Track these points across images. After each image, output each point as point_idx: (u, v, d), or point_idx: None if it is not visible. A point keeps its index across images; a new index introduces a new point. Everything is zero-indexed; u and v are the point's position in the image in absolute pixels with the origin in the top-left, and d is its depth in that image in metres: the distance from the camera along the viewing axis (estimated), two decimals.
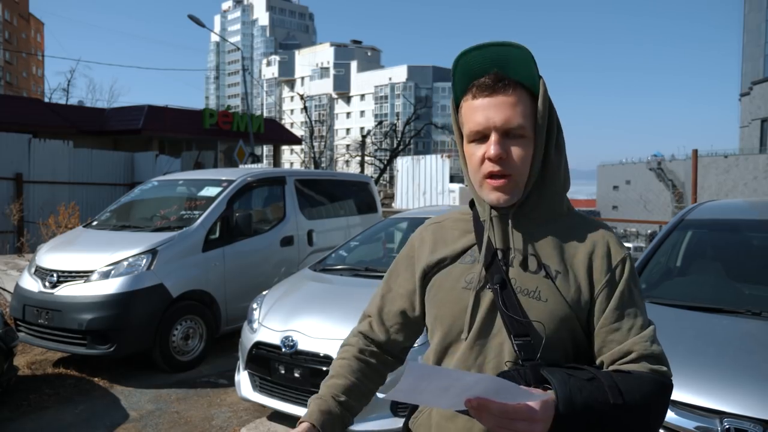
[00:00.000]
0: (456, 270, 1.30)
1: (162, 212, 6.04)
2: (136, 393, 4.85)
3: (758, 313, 2.99)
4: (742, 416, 2.31)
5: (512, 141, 1.20)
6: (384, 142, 43.78)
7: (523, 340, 1.17)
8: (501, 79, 1.21)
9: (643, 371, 1.13)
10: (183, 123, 22.42)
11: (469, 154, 1.25)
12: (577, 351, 1.21)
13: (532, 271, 1.22)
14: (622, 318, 1.19)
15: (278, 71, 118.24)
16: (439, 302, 1.29)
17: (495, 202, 1.23)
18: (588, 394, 1.05)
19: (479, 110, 1.21)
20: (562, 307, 1.19)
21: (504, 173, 1.20)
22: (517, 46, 1.20)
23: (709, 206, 4.30)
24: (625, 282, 1.22)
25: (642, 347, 1.16)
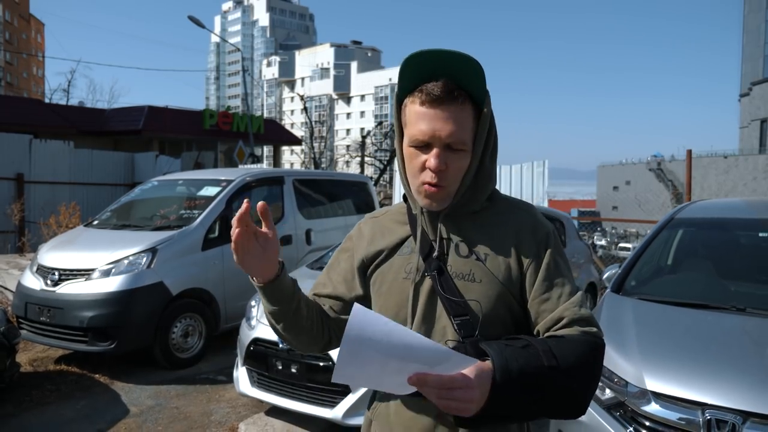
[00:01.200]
0: (396, 262, 1.37)
1: (162, 212, 6.12)
2: (136, 389, 4.93)
3: (743, 309, 3.07)
4: (723, 407, 2.39)
5: (452, 154, 1.26)
6: (384, 142, 43.84)
7: (462, 319, 1.25)
8: (451, 90, 1.24)
9: (575, 334, 1.22)
10: (183, 123, 22.50)
11: (408, 156, 1.30)
12: (517, 325, 1.30)
13: (464, 255, 1.31)
14: (551, 288, 1.28)
15: (278, 72, 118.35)
16: (384, 294, 1.37)
17: (427, 206, 1.31)
18: (523, 360, 1.13)
19: (426, 119, 1.25)
20: (495, 285, 1.28)
21: (439, 184, 1.27)
22: (469, 57, 1.24)
23: (699, 205, 4.38)
24: (550, 254, 1.31)
25: (572, 312, 1.24)
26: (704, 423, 2.40)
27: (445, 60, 1.24)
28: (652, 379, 2.59)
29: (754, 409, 2.35)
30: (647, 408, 2.57)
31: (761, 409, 2.34)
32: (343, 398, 3.76)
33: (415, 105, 1.27)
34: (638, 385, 2.62)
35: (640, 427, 2.57)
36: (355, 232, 1.51)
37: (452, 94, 1.24)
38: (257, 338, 4.19)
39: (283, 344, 3.97)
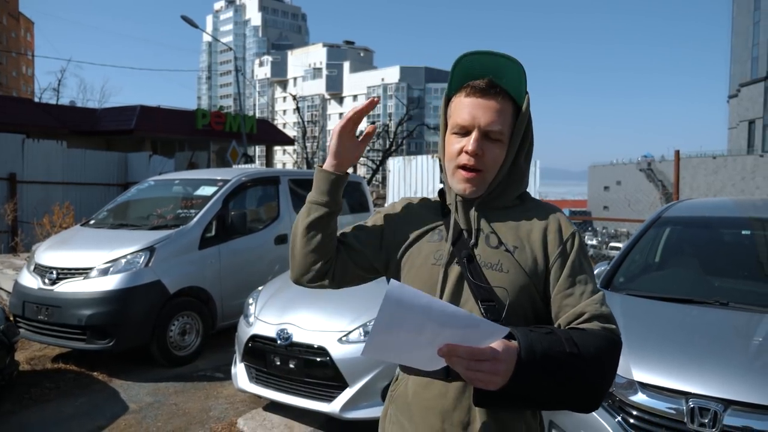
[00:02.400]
0: (425, 247, 1.45)
1: (159, 211, 6.18)
2: (135, 386, 5.00)
3: (725, 304, 3.19)
4: (706, 396, 2.50)
5: (489, 142, 1.37)
6: (376, 142, 43.92)
7: (488, 304, 1.34)
8: (494, 86, 1.37)
9: (595, 329, 1.29)
10: (175, 123, 22.49)
11: (448, 143, 1.42)
12: (537, 318, 1.38)
13: (493, 246, 1.40)
14: (574, 285, 1.36)
15: (270, 72, 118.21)
16: (412, 278, 1.43)
17: (462, 191, 1.41)
18: (547, 344, 1.20)
19: (468, 107, 1.37)
20: (521, 276, 1.36)
21: (476, 168, 1.37)
22: (514, 60, 1.37)
23: (686, 204, 4.51)
24: (575, 253, 1.39)
25: (593, 308, 1.32)
26: (688, 411, 2.51)
27: (491, 60, 1.37)
28: (639, 371, 2.70)
29: (735, 397, 2.46)
30: (634, 398, 2.67)
31: (741, 397, 2.45)
32: (341, 392, 3.85)
33: (460, 98, 1.41)
34: (626, 376, 2.72)
35: (628, 416, 2.68)
36: (389, 207, 1.60)
37: (494, 88, 1.37)
38: (255, 335, 4.27)
39: (281, 340, 4.06)
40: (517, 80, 1.37)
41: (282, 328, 4.11)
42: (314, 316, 4.14)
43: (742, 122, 53.50)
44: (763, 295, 3.32)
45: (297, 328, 4.08)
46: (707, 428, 2.46)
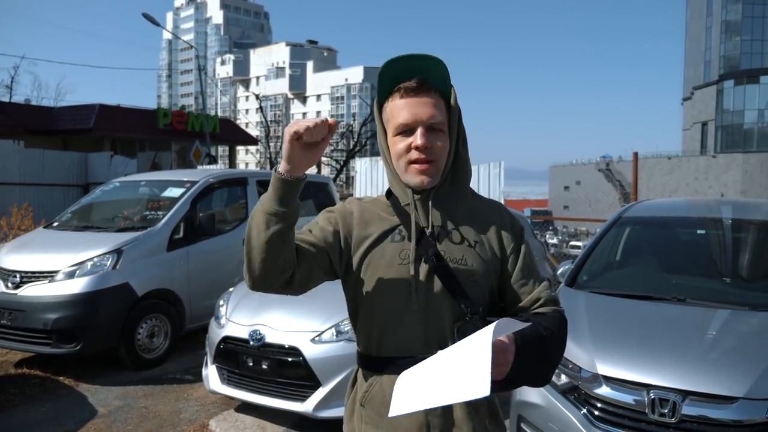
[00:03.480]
0: (389, 248, 1.48)
1: (125, 213, 6.11)
2: (103, 390, 4.94)
3: (683, 300, 3.36)
4: (666, 387, 2.65)
5: (434, 134, 1.46)
6: (340, 142, 43.87)
7: (464, 299, 1.43)
8: (424, 83, 1.46)
9: (550, 312, 1.48)
10: (136, 123, 22.05)
11: (392, 144, 1.48)
12: (492, 304, 1.52)
13: (456, 242, 1.48)
14: (528, 274, 1.53)
15: (233, 70, 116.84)
16: (378, 279, 1.46)
17: (419, 184, 1.46)
18: (530, 331, 1.34)
19: (406, 107, 1.45)
20: (483, 269, 1.48)
21: (429, 159, 1.45)
22: (436, 59, 1.47)
23: (644, 205, 4.70)
24: (526, 247, 1.56)
25: (546, 294, 1.51)
26: (649, 402, 2.65)
27: (414, 63, 1.46)
28: (603, 365, 2.84)
29: (692, 388, 2.61)
30: (599, 390, 2.81)
31: (698, 388, 2.61)
32: (314, 392, 3.90)
33: (394, 101, 1.48)
34: (590, 370, 2.85)
35: (593, 408, 2.81)
36: (339, 207, 1.57)
37: (425, 85, 1.46)
38: (227, 336, 4.28)
39: (253, 341, 4.08)
40: (442, 77, 1.47)
41: (254, 329, 4.14)
42: (287, 317, 4.18)
43: (695, 124, 55.35)
44: (716, 292, 3.51)
45: (269, 329, 4.11)
46: (667, 418, 2.61)
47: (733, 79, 49.71)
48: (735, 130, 49.99)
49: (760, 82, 48.34)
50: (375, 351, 1.50)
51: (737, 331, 3.05)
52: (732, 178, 46.49)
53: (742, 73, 49.37)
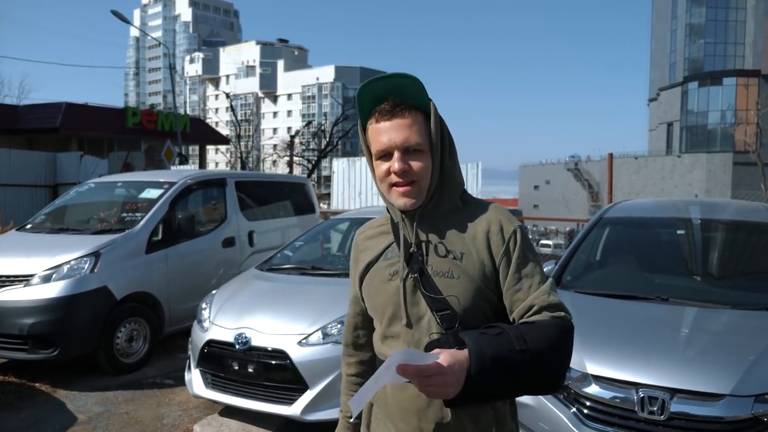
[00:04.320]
0: (382, 266, 1.57)
1: (102, 214, 5.99)
2: (81, 396, 4.84)
3: (666, 299, 3.44)
4: (654, 386, 2.71)
5: (412, 156, 1.47)
6: (312, 142, 43.66)
7: (443, 313, 1.44)
8: (398, 105, 1.47)
9: (545, 319, 1.38)
10: (104, 122, 21.59)
11: (376, 167, 1.52)
12: (497, 315, 1.47)
13: (442, 255, 1.49)
14: (521, 279, 1.44)
15: (202, 69, 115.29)
16: (373, 295, 1.58)
17: (403, 206, 1.50)
18: (497, 346, 1.29)
19: (382, 133, 1.47)
20: (471, 281, 1.45)
21: (409, 180, 1.47)
22: (410, 76, 1.49)
23: (624, 205, 4.79)
24: (519, 249, 1.47)
25: (541, 300, 1.41)
26: (638, 400, 2.71)
27: (388, 83, 1.49)
28: (591, 364, 2.88)
29: (680, 386, 2.68)
30: (588, 389, 2.85)
31: (686, 386, 2.67)
32: (301, 395, 3.88)
33: (372, 125, 1.51)
34: (579, 369, 2.90)
35: (582, 407, 2.85)
36: (354, 248, 1.72)
37: (398, 108, 1.47)
38: (212, 340, 4.23)
39: (239, 345, 4.04)
40: (418, 92, 1.49)
41: (240, 333, 4.10)
42: (273, 320, 4.15)
43: (661, 124, 56.58)
44: (698, 291, 3.60)
45: (255, 332, 4.07)
46: (656, 416, 2.67)
47: (697, 81, 50.95)
48: (699, 130, 51.24)
49: (723, 83, 49.65)
50: (381, 355, 1.60)
51: (720, 330, 3.13)
52: (696, 177, 47.63)
53: (706, 75, 50.64)
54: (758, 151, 27.63)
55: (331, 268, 5.09)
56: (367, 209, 7.50)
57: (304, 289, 4.62)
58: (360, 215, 6.30)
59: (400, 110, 1.47)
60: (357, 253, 1.68)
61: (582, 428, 2.82)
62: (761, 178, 25.52)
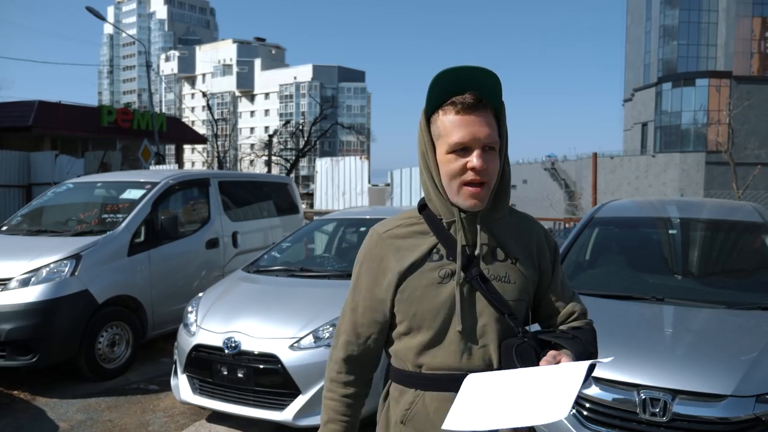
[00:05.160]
0: (427, 269, 1.45)
1: (82, 216, 5.83)
2: (62, 404, 4.69)
3: (661, 299, 3.43)
4: (655, 387, 2.69)
5: (489, 154, 1.41)
6: (290, 141, 43.41)
7: (512, 317, 1.43)
8: (480, 99, 1.40)
9: (584, 325, 1.55)
10: (78, 120, 21.23)
11: (445, 163, 1.42)
12: (526, 318, 1.54)
13: (500, 260, 1.47)
14: (562, 288, 1.58)
15: (177, 67, 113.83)
16: (418, 300, 1.44)
17: (471, 207, 1.43)
18: (582, 348, 1.43)
19: (463, 125, 1.39)
20: (525, 286, 1.50)
21: (482, 181, 1.41)
22: (491, 72, 1.40)
23: (614, 205, 4.79)
24: (558, 260, 1.60)
25: (579, 308, 1.58)
26: (640, 402, 2.69)
27: (469, 74, 1.39)
28: None
29: (681, 386, 2.67)
30: (588, 391, 2.83)
31: (687, 387, 2.66)
32: (293, 400, 3.80)
33: (449, 115, 1.41)
34: None
35: (582, 408, 2.83)
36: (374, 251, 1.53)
37: (482, 102, 1.40)
38: (199, 344, 4.12)
39: (228, 349, 3.95)
40: (496, 91, 1.42)
41: (229, 337, 4.00)
42: (263, 324, 4.06)
43: (636, 125, 57.37)
44: (693, 290, 3.61)
45: (245, 336, 3.98)
46: (658, 417, 2.65)
47: (671, 82, 51.76)
48: (673, 130, 52.06)
49: (696, 84, 50.51)
50: (416, 368, 1.47)
51: (718, 330, 3.14)
52: (670, 177, 48.43)
53: (679, 76, 51.46)
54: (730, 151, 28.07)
55: (321, 269, 5.01)
56: (352, 209, 7.43)
57: (294, 292, 4.54)
58: (347, 215, 6.23)
59: (484, 105, 1.41)
60: (384, 253, 1.50)
61: (582, 430, 2.80)
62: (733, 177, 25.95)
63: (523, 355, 1.38)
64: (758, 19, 49.79)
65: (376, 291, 1.51)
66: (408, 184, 9.96)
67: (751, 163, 34.52)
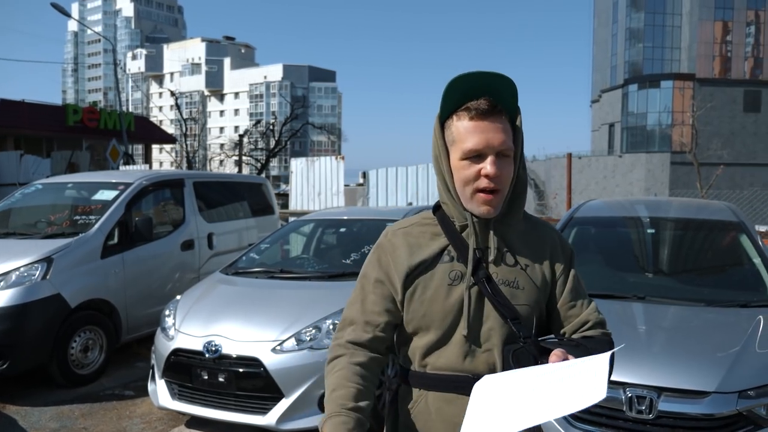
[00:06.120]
0: (438, 270, 1.46)
1: (53, 217, 5.66)
2: (34, 412, 4.55)
3: (642, 298, 3.48)
4: (641, 385, 2.73)
5: (503, 160, 1.40)
6: (261, 141, 43.03)
7: (516, 322, 1.41)
8: (495, 105, 1.39)
9: (598, 335, 1.50)
10: (43, 119, 20.75)
11: (459, 168, 1.42)
12: (539, 326, 1.50)
13: (510, 265, 1.47)
14: (576, 297, 1.52)
15: (145, 65, 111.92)
16: (428, 301, 1.44)
17: (484, 214, 1.42)
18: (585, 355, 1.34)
19: (477, 131, 1.39)
20: (535, 292, 1.47)
21: (496, 188, 1.40)
22: (507, 78, 1.39)
23: (592, 205, 4.85)
24: (574, 270, 1.56)
25: (594, 317, 1.52)
26: (626, 400, 2.72)
27: (484, 80, 1.38)
28: None
29: (666, 384, 2.71)
30: None
31: (672, 384, 2.70)
32: (276, 404, 3.75)
33: (463, 121, 1.41)
34: None
35: None
36: (387, 244, 1.54)
37: (496, 108, 1.40)
38: (178, 349, 4.04)
39: (209, 353, 3.87)
40: (512, 97, 1.42)
41: (209, 340, 3.93)
42: (244, 327, 4.00)
43: (603, 125, 58.39)
44: (673, 289, 3.68)
45: (226, 339, 3.91)
46: (645, 415, 2.69)
47: (637, 84, 52.85)
48: (639, 131, 53.14)
49: (661, 86, 51.67)
50: (421, 367, 1.47)
51: (700, 327, 3.20)
52: (637, 176, 49.43)
53: (645, 78, 52.56)
54: (694, 152, 28.81)
55: (301, 271, 4.96)
56: (330, 210, 7.38)
57: (275, 294, 4.48)
58: (325, 216, 6.19)
59: (499, 111, 1.40)
60: (396, 247, 1.51)
61: (570, 429, 2.82)
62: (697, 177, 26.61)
63: (520, 360, 1.37)
64: (720, 23, 51.18)
65: (385, 281, 1.50)
66: (384, 184, 9.94)
67: (713, 163, 35.48)
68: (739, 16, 51.19)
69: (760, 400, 2.66)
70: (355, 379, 1.39)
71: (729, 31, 51.22)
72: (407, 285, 1.47)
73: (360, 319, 1.48)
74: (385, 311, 1.48)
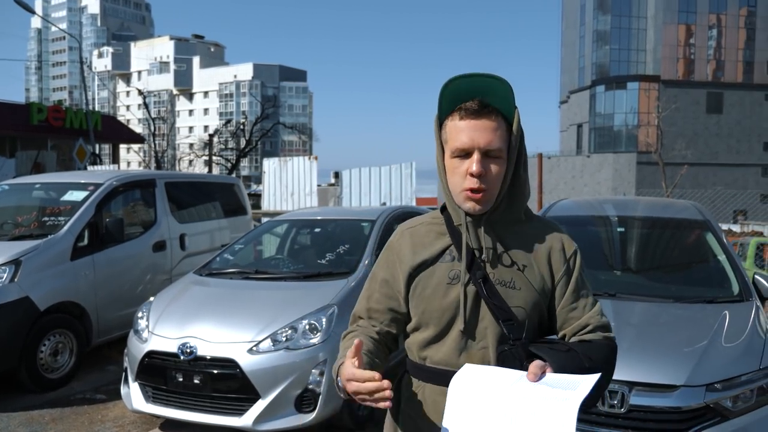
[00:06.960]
0: (439, 269, 1.51)
1: (20, 219, 5.54)
2: (3, 417, 4.44)
3: (613, 295, 3.57)
4: (613, 379, 2.79)
5: (491, 160, 1.44)
6: (231, 141, 42.58)
7: (508, 323, 1.43)
8: (485, 106, 1.43)
9: (598, 339, 1.48)
10: (6, 118, 20.15)
11: (451, 167, 1.47)
12: (541, 328, 1.51)
13: (506, 265, 1.48)
14: (577, 299, 1.50)
15: (111, 64, 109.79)
16: (428, 298, 1.50)
17: (471, 209, 1.47)
18: (571, 362, 1.36)
19: (465, 131, 1.43)
20: (532, 293, 1.47)
21: (481, 188, 1.43)
22: (501, 79, 1.43)
23: (563, 204, 4.94)
24: (577, 270, 1.53)
25: (595, 320, 1.49)
26: None
27: (478, 82, 1.42)
28: None
29: (637, 378, 2.78)
30: None
31: (643, 378, 2.78)
32: (252, 405, 3.73)
33: (454, 121, 1.45)
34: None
35: None
36: (395, 243, 1.61)
37: (486, 108, 1.43)
38: (152, 351, 3.99)
39: (184, 355, 3.84)
40: (506, 98, 1.45)
41: (184, 342, 3.89)
42: (219, 328, 3.97)
43: (571, 126, 59.35)
44: (642, 286, 3.78)
45: (201, 341, 3.88)
46: (617, 408, 2.76)
47: (604, 85, 53.87)
48: (606, 132, 54.17)
49: (627, 87, 52.76)
50: (421, 360, 1.53)
51: (668, 323, 3.29)
52: (604, 176, 50.39)
53: (612, 80, 53.61)
54: (659, 152, 29.48)
55: (276, 271, 4.94)
56: (304, 210, 7.36)
57: (250, 295, 4.45)
58: (299, 216, 6.17)
59: (488, 112, 1.43)
60: (402, 246, 1.58)
61: None
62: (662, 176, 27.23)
63: (505, 362, 1.39)
64: (683, 26, 52.47)
65: (390, 281, 1.57)
66: (357, 184, 9.95)
67: (678, 163, 36.36)
68: (701, 20, 52.56)
69: (727, 392, 2.75)
70: (368, 340, 1.51)
71: (692, 34, 52.56)
72: (410, 283, 1.54)
73: (366, 315, 1.61)
74: (388, 309, 1.57)
